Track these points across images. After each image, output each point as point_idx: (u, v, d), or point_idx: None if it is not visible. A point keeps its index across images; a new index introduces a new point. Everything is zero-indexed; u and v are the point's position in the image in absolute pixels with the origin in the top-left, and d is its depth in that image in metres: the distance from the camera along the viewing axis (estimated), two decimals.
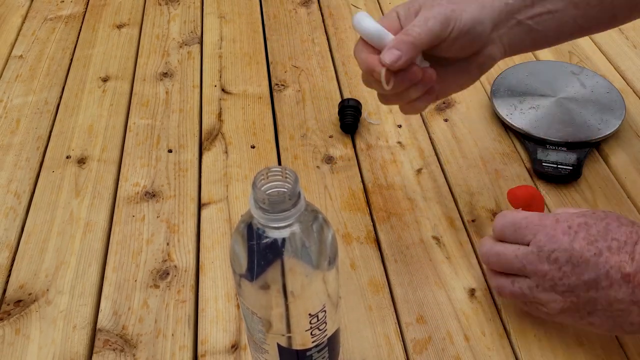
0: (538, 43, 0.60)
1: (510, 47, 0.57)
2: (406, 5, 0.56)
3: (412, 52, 0.52)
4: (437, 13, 0.53)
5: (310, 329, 0.44)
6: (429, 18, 0.52)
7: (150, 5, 1.06)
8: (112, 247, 0.67)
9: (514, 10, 0.56)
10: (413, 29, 0.52)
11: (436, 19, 0.52)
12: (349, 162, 0.76)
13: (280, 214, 0.38)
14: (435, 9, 0.53)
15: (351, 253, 0.66)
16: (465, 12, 0.53)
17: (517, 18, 0.56)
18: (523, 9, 0.56)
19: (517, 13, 0.56)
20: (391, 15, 0.56)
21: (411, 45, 0.52)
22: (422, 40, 0.52)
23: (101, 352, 0.58)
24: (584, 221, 0.49)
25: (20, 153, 0.79)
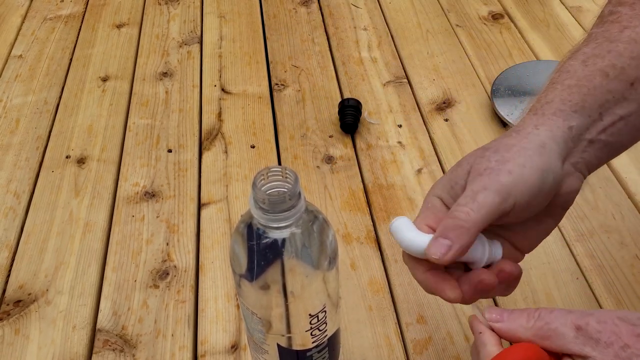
0: (615, 153, 0.48)
1: (589, 169, 0.46)
2: (445, 184, 0.44)
3: (465, 238, 0.40)
4: (488, 183, 0.41)
5: (310, 329, 0.44)
6: (478, 191, 0.41)
7: (150, 4, 1.06)
8: (111, 247, 0.67)
9: (581, 132, 0.45)
10: (461, 209, 0.41)
11: (489, 191, 0.40)
12: (349, 162, 0.76)
13: (280, 214, 0.38)
14: (485, 177, 0.41)
15: (351, 253, 0.66)
16: (525, 167, 0.41)
17: (588, 138, 0.45)
18: (591, 125, 0.45)
19: (585, 133, 0.45)
20: (432, 203, 0.44)
21: (462, 230, 0.40)
22: (475, 220, 0.40)
23: (101, 352, 0.58)
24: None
25: (19, 153, 0.79)
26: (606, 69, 0.45)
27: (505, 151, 0.42)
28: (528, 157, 0.42)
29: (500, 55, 0.91)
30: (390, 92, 0.86)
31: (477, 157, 0.43)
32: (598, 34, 0.48)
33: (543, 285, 0.62)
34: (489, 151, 0.43)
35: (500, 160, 0.42)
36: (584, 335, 0.38)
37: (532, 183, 0.41)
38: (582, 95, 0.45)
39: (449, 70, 0.89)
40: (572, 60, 0.47)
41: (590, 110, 0.44)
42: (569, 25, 0.97)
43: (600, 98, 0.45)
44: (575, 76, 0.45)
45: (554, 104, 0.45)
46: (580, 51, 0.47)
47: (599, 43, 0.47)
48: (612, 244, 0.65)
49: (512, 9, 1.01)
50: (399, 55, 0.93)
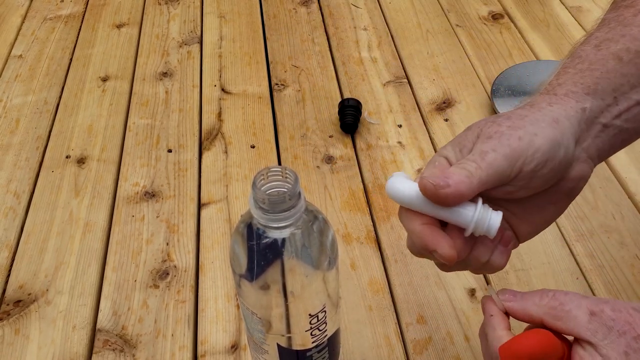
0: (629, 140, 0.47)
1: (600, 157, 0.45)
2: (454, 144, 0.43)
3: (464, 187, 0.39)
4: (497, 145, 0.40)
5: (310, 329, 0.44)
6: (487, 152, 0.40)
7: (150, 4, 1.06)
8: (111, 247, 0.67)
9: (595, 115, 0.43)
10: (468, 164, 0.39)
11: (497, 153, 0.39)
12: (349, 162, 0.76)
13: (280, 214, 0.38)
14: (495, 139, 0.40)
15: (351, 253, 0.66)
16: (537, 135, 0.40)
17: (602, 122, 0.44)
18: (606, 109, 0.43)
19: (599, 117, 0.43)
20: (439, 162, 0.42)
21: (465, 179, 0.39)
22: (480, 177, 0.39)
23: (101, 352, 0.58)
24: None
25: (19, 153, 0.79)
26: (620, 52, 0.44)
27: (517, 119, 0.41)
28: (540, 127, 0.40)
29: (500, 55, 0.91)
30: (390, 92, 0.86)
31: (488, 122, 0.42)
32: (611, 19, 0.47)
33: (543, 285, 0.62)
34: (500, 117, 0.42)
35: (512, 127, 0.41)
36: (598, 322, 0.37)
37: (542, 151, 0.40)
38: (595, 79, 0.43)
39: (449, 70, 0.89)
40: (584, 45, 0.46)
41: (604, 93, 0.43)
42: (569, 25, 0.97)
43: (614, 82, 0.43)
44: (588, 60, 0.44)
45: (566, 86, 0.44)
46: (592, 36, 0.46)
47: (611, 27, 0.46)
48: (612, 244, 0.65)
49: (512, 9, 1.01)
50: (399, 55, 0.93)
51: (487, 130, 0.41)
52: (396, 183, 0.41)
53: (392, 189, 0.41)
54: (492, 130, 0.41)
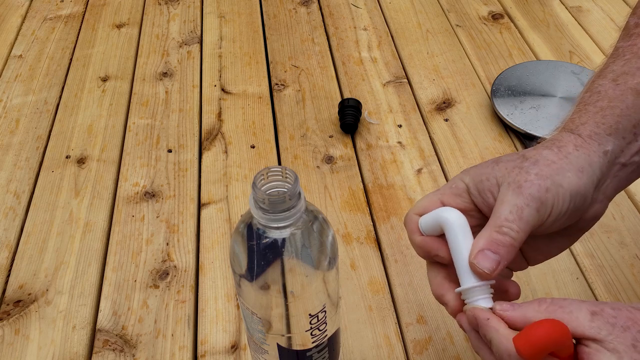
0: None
1: (616, 192, 0.46)
2: (476, 174, 0.44)
3: (512, 255, 0.41)
4: (530, 199, 0.41)
5: (310, 329, 0.44)
6: (523, 208, 0.41)
7: (150, 4, 1.06)
8: (111, 247, 0.67)
9: (615, 155, 0.44)
10: (510, 226, 0.41)
11: (531, 208, 0.41)
12: (349, 162, 0.76)
13: (280, 214, 0.38)
14: (526, 190, 0.41)
15: (351, 253, 0.66)
16: (562, 187, 0.41)
17: (621, 162, 0.45)
18: (626, 147, 0.44)
19: (620, 156, 0.44)
20: (457, 185, 0.44)
21: (511, 248, 0.41)
22: (521, 239, 0.41)
23: (101, 352, 0.58)
24: None
25: (19, 153, 0.79)
26: (638, 86, 0.44)
27: (545, 165, 0.42)
28: (567, 177, 0.42)
29: (500, 55, 0.91)
30: (390, 92, 0.86)
31: (516, 166, 0.43)
32: (625, 48, 0.47)
33: (543, 285, 0.62)
34: (528, 162, 0.43)
35: (540, 175, 0.41)
36: (600, 320, 0.37)
37: (564, 204, 0.42)
38: (616, 117, 0.44)
39: (449, 70, 0.89)
40: (601, 79, 0.46)
41: (625, 131, 0.44)
42: (569, 25, 0.97)
43: (634, 117, 0.44)
44: (607, 96, 0.45)
45: (589, 126, 0.44)
46: (608, 69, 0.46)
47: (627, 60, 0.46)
48: (612, 244, 0.65)
49: (512, 9, 1.01)
50: (399, 55, 0.93)
51: (515, 177, 0.42)
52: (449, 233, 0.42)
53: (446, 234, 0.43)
54: (521, 179, 0.41)
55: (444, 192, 0.45)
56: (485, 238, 0.41)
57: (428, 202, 0.45)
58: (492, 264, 0.41)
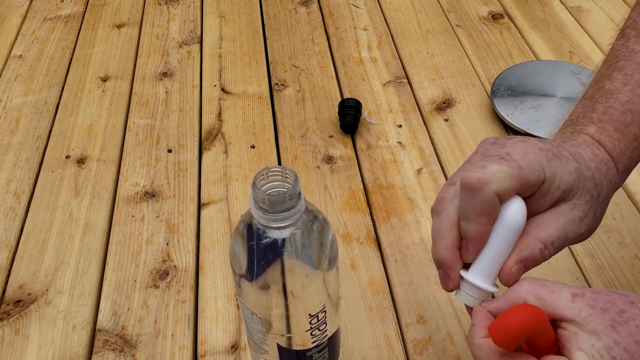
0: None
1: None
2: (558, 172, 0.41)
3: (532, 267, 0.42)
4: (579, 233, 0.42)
5: (310, 329, 0.44)
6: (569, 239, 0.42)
7: (150, 4, 1.06)
8: (111, 247, 0.67)
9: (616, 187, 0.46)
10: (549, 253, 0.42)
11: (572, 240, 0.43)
12: (349, 162, 0.76)
13: (280, 214, 0.38)
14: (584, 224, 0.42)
15: (351, 253, 0.66)
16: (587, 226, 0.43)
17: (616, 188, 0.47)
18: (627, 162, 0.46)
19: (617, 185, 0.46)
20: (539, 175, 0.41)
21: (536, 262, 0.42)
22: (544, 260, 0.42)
23: (101, 352, 0.58)
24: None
25: (19, 153, 0.79)
26: None
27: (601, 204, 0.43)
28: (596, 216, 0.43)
29: (500, 55, 0.91)
30: (390, 92, 0.86)
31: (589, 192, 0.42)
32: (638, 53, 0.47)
33: None
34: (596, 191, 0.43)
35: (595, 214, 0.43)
36: (580, 302, 0.37)
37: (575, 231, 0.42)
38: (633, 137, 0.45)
39: (449, 70, 0.89)
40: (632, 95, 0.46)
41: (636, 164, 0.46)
42: (569, 25, 0.97)
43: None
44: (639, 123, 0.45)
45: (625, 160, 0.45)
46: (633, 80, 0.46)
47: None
48: (612, 244, 0.65)
49: (512, 9, 1.01)
50: (399, 55, 0.93)
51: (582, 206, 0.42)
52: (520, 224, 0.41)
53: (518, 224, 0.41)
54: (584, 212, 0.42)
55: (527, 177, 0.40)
56: (529, 251, 0.41)
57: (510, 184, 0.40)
58: (517, 278, 0.41)
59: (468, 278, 0.42)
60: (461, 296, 0.43)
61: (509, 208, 0.40)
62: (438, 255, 0.43)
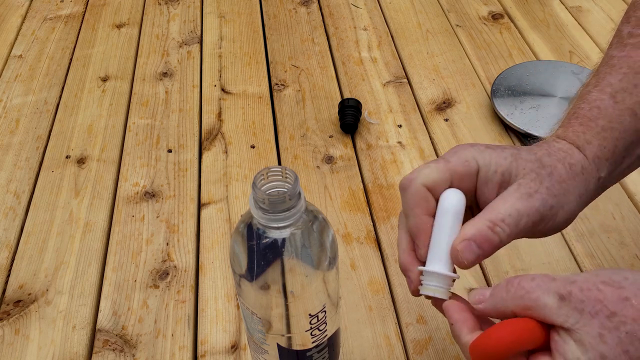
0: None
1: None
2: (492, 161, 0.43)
3: (491, 254, 0.42)
4: (533, 211, 0.41)
5: (310, 329, 0.44)
6: (523, 215, 0.41)
7: (150, 4, 1.06)
8: (111, 247, 0.67)
9: (605, 183, 0.45)
10: (504, 228, 0.41)
11: (529, 219, 0.41)
12: (349, 162, 0.76)
13: (280, 214, 0.38)
14: (534, 201, 0.41)
15: (351, 253, 0.66)
16: (563, 208, 0.42)
17: (605, 186, 0.46)
18: (613, 171, 0.45)
19: (606, 182, 0.46)
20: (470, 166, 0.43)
21: (495, 249, 0.41)
22: (507, 243, 0.41)
23: (101, 352, 0.58)
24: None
25: (19, 153, 0.79)
26: (635, 107, 0.44)
27: (557, 182, 0.42)
28: (569, 201, 0.42)
29: (500, 55, 0.91)
30: (390, 92, 0.86)
31: (534, 170, 0.42)
32: (621, 59, 0.47)
33: None
34: (544, 171, 0.42)
35: (550, 190, 0.42)
36: (567, 306, 0.35)
37: (559, 223, 0.43)
38: (614, 141, 0.44)
39: (449, 70, 0.89)
40: (600, 92, 0.46)
41: (618, 155, 0.45)
42: (569, 25, 0.97)
43: (627, 140, 0.44)
44: (607, 115, 0.45)
45: (594, 148, 0.44)
46: (605, 81, 0.46)
47: (625, 74, 0.46)
48: (612, 244, 0.65)
49: (512, 9, 1.01)
50: (399, 55, 0.93)
51: (529, 182, 0.42)
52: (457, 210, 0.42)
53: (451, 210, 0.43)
54: (534, 188, 0.42)
55: (455, 168, 0.43)
56: (476, 229, 0.41)
57: (438, 174, 0.43)
58: (472, 257, 0.41)
59: (423, 268, 0.43)
60: (424, 290, 0.43)
61: (442, 195, 0.43)
62: (399, 262, 0.45)
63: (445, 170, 0.43)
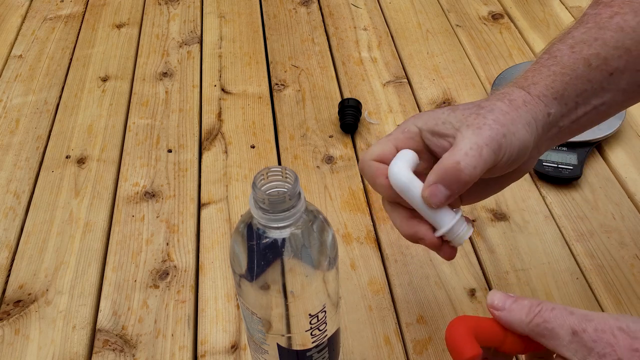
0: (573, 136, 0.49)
1: (544, 152, 0.49)
2: (431, 118, 0.45)
3: (463, 189, 0.43)
4: (489, 139, 0.42)
5: (310, 329, 0.44)
6: (482, 147, 0.42)
7: (150, 4, 1.06)
8: (111, 247, 0.67)
9: (556, 119, 0.46)
10: (468, 162, 0.42)
11: (489, 147, 0.42)
12: (349, 162, 0.76)
13: (280, 214, 0.38)
14: (486, 131, 0.42)
15: (351, 253, 0.66)
16: (515, 135, 0.43)
17: (559, 125, 0.47)
18: (566, 114, 0.46)
19: (559, 121, 0.46)
20: (410, 130, 0.46)
21: (465, 185, 0.42)
22: (476, 177, 0.42)
23: (101, 352, 0.58)
24: None
25: (19, 153, 0.79)
26: (590, 57, 0.46)
27: (500, 114, 0.44)
28: (518, 128, 0.44)
29: (500, 55, 0.91)
30: (390, 92, 0.86)
31: (473, 113, 0.44)
32: (590, 16, 0.48)
33: (543, 285, 0.62)
34: (484, 110, 0.44)
35: (497, 121, 0.43)
36: (579, 342, 0.37)
37: (513, 152, 0.44)
38: (564, 84, 0.46)
39: (449, 70, 0.89)
40: (561, 43, 0.48)
41: (568, 98, 0.46)
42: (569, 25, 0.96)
43: (579, 87, 0.46)
44: (561, 62, 0.46)
45: (539, 87, 0.46)
46: (570, 34, 0.48)
47: (588, 28, 0.47)
48: (612, 244, 0.65)
49: (512, 9, 1.01)
50: (399, 55, 0.93)
51: (474, 120, 0.43)
52: (402, 175, 0.44)
53: (398, 180, 0.45)
54: (480, 122, 0.43)
55: (396, 137, 0.46)
56: (436, 173, 0.43)
57: (382, 147, 0.46)
58: (439, 198, 0.43)
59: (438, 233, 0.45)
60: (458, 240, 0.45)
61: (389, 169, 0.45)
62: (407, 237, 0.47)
63: (386, 142, 0.46)
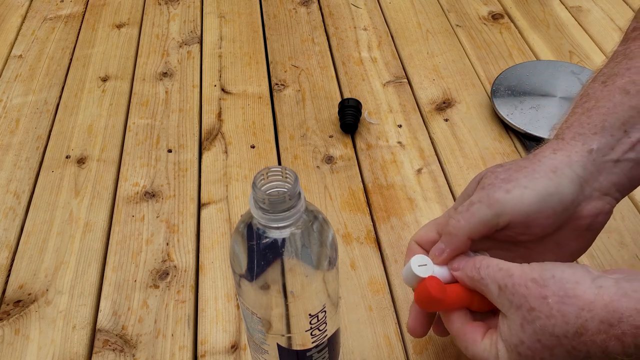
0: None
1: (620, 191, 0.45)
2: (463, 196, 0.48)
3: (455, 242, 0.45)
4: (484, 196, 0.44)
5: (310, 329, 0.44)
6: (474, 203, 0.44)
7: (150, 4, 1.06)
8: (111, 247, 0.67)
9: (603, 153, 0.44)
10: (456, 218, 0.44)
11: (483, 204, 0.43)
12: (349, 162, 0.76)
13: (280, 214, 0.38)
14: (485, 190, 0.44)
15: (351, 253, 0.66)
16: (526, 189, 0.43)
17: (613, 159, 0.44)
18: (616, 145, 0.44)
19: (609, 154, 0.44)
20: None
21: (454, 238, 0.44)
22: (466, 231, 0.44)
23: (101, 352, 0.58)
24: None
25: (19, 153, 0.79)
26: (626, 85, 0.44)
27: (514, 171, 0.44)
28: (533, 179, 0.43)
29: (500, 55, 0.91)
30: (390, 92, 0.86)
31: (489, 172, 0.46)
32: (619, 52, 0.47)
33: None
34: (501, 168, 0.45)
35: (505, 179, 0.44)
36: (503, 296, 0.41)
37: (529, 204, 0.43)
38: (602, 116, 0.44)
39: (449, 70, 0.89)
40: (593, 82, 0.47)
41: (612, 129, 0.44)
42: (569, 25, 0.97)
43: (622, 115, 0.44)
44: (595, 97, 0.45)
45: (574, 128, 0.45)
46: (600, 72, 0.47)
47: (618, 62, 0.46)
48: (612, 244, 0.65)
49: (512, 9, 1.01)
50: (399, 55, 0.93)
51: (484, 180, 0.45)
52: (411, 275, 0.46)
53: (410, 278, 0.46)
54: (487, 182, 0.45)
55: (441, 221, 0.48)
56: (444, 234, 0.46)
57: (425, 231, 0.49)
58: (435, 251, 0.46)
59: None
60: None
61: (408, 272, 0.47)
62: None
63: (431, 225, 0.49)
